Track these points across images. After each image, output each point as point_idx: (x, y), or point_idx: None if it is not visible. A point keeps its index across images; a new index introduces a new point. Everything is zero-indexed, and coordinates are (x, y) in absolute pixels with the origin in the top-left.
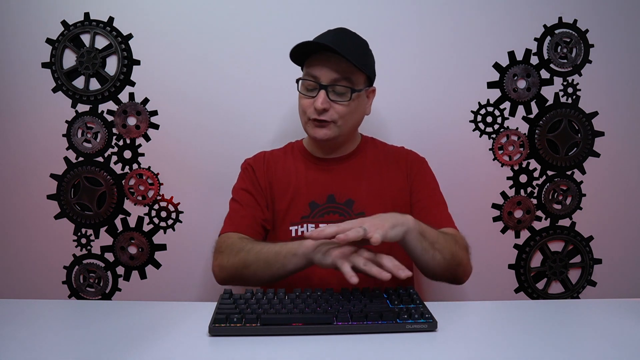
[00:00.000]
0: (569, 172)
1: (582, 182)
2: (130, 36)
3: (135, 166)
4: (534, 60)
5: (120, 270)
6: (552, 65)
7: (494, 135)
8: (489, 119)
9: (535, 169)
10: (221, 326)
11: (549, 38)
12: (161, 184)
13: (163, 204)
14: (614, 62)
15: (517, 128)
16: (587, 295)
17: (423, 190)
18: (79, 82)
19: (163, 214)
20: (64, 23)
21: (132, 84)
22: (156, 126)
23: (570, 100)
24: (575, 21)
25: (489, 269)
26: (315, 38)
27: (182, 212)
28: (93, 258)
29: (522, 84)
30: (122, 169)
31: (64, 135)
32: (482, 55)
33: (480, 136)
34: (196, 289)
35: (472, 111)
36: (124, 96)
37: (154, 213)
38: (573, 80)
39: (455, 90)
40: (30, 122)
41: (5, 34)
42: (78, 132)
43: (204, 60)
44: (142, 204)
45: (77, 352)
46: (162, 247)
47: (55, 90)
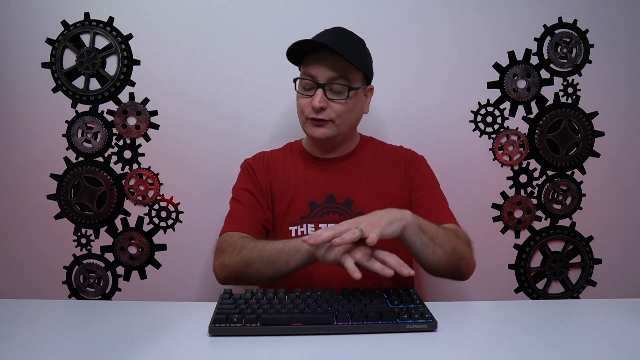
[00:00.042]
0: (569, 172)
1: (582, 182)
2: (130, 36)
3: (135, 166)
4: (534, 60)
5: (120, 270)
6: (552, 65)
7: (494, 135)
8: (489, 119)
9: (535, 169)
10: (221, 326)
11: (549, 38)
12: (161, 184)
13: (163, 204)
14: (614, 62)
15: (517, 128)
16: (587, 295)
17: (422, 188)
18: (79, 82)
19: (163, 214)
20: (64, 23)
21: (132, 84)
22: (156, 126)
23: (570, 100)
24: (575, 21)
25: (489, 269)
26: (313, 37)
27: (182, 212)
28: (93, 258)
29: (522, 84)
30: (122, 169)
31: (64, 135)
32: (482, 55)
33: (480, 136)
34: (196, 289)
35: (472, 111)
36: (124, 96)
37: (154, 213)
38: (573, 80)
39: (455, 90)
40: (30, 122)
41: (5, 34)
42: (78, 132)
43: (204, 60)
44: (142, 204)
45: (77, 352)
46: (162, 247)
47: (55, 90)
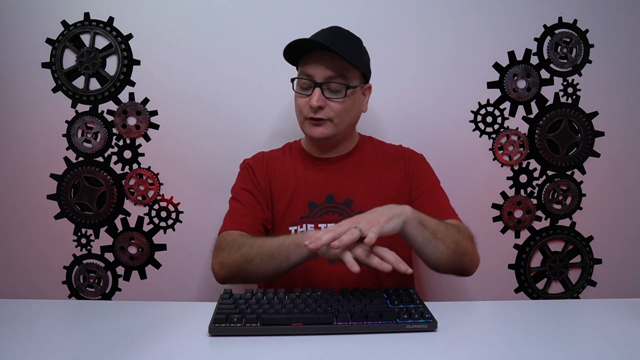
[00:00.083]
0: (569, 172)
1: (582, 182)
2: (130, 36)
3: (135, 166)
4: (534, 60)
5: (120, 270)
6: (552, 65)
7: (494, 135)
8: (489, 119)
9: (535, 169)
10: (221, 326)
11: (549, 38)
12: (161, 184)
13: (163, 204)
14: (614, 62)
15: (517, 128)
16: (587, 295)
17: (422, 185)
18: (79, 82)
19: (163, 214)
20: (64, 23)
21: (132, 84)
22: (156, 126)
23: (570, 100)
24: (575, 21)
25: (489, 269)
26: (310, 37)
27: (182, 212)
28: (93, 258)
29: (522, 84)
30: (122, 169)
31: (64, 135)
32: (482, 55)
33: (480, 136)
34: (196, 289)
35: (472, 111)
36: (124, 96)
37: (154, 213)
38: (573, 80)
39: (455, 90)
40: (30, 122)
41: (5, 34)
42: (78, 132)
43: (204, 60)
44: (142, 204)
45: (77, 352)
46: (162, 247)
47: (55, 90)
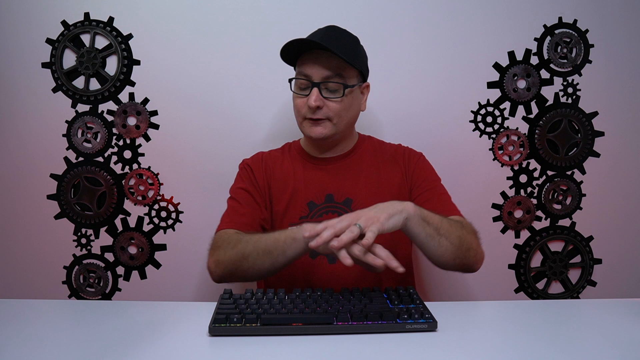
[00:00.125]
0: (569, 172)
1: (582, 182)
2: (130, 36)
3: (135, 166)
4: (534, 60)
5: (120, 270)
6: (552, 65)
7: (494, 135)
8: (489, 119)
9: (535, 169)
10: (221, 326)
11: (549, 38)
12: (161, 184)
13: (163, 204)
14: (614, 62)
15: (517, 128)
16: (587, 295)
17: (423, 183)
18: (79, 82)
19: (163, 214)
20: (64, 23)
21: (132, 84)
22: (156, 126)
23: (570, 100)
24: (575, 21)
25: (489, 269)
26: (306, 37)
27: (182, 212)
28: (93, 258)
29: (522, 84)
30: (122, 169)
31: (64, 135)
32: (482, 55)
33: (480, 136)
34: (196, 289)
35: (472, 111)
36: (124, 96)
37: (154, 213)
38: (573, 80)
39: (455, 90)
40: (30, 122)
41: (5, 34)
42: (78, 132)
43: (204, 60)
44: (142, 204)
45: (77, 352)
46: (162, 247)
47: (55, 90)
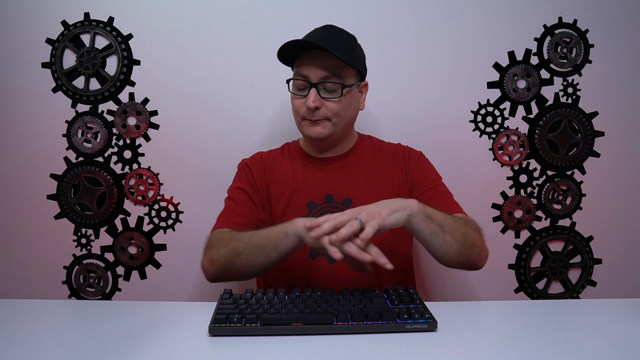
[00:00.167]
0: (569, 172)
1: (582, 182)
2: (130, 36)
3: (135, 166)
4: (534, 60)
5: (120, 270)
6: (552, 65)
7: (494, 135)
8: (489, 119)
9: (535, 169)
10: (221, 326)
11: (549, 38)
12: (161, 184)
13: (163, 204)
14: (614, 62)
15: (517, 128)
16: (587, 295)
17: (424, 182)
18: (79, 82)
19: (163, 214)
20: (64, 23)
21: (132, 84)
22: (156, 126)
23: (570, 100)
24: (575, 21)
25: (489, 269)
26: (303, 37)
27: (182, 212)
28: (93, 258)
29: (522, 84)
30: (122, 169)
31: (64, 135)
32: (482, 55)
33: (480, 136)
34: (196, 289)
35: (472, 111)
36: (124, 96)
37: (154, 213)
38: (573, 80)
39: (455, 90)
40: (30, 122)
41: (5, 34)
42: (78, 132)
43: (204, 60)
44: (142, 204)
45: (77, 352)
46: (162, 247)
47: (55, 90)
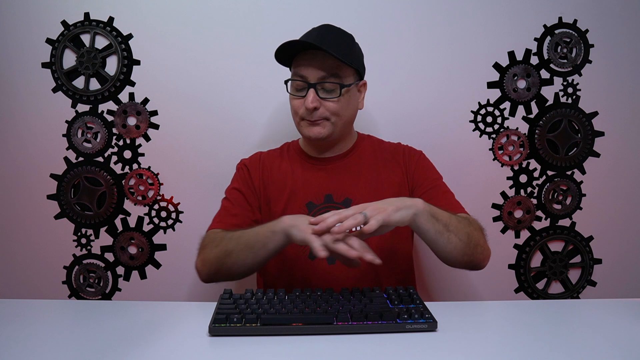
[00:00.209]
0: (569, 172)
1: (582, 182)
2: (130, 36)
3: (135, 166)
4: (534, 60)
5: (120, 270)
6: (552, 65)
7: (494, 135)
8: (489, 119)
9: (535, 169)
10: (221, 326)
11: (549, 38)
12: (161, 184)
13: (163, 204)
14: (614, 62)
15: (517, 128)
16: (587, 295)
17: (425, 182)
18: (79, 82)
19: (163, 214)
20: (64, 23)
21: (132, 84)
22: (156, 126)
23: (570, 100)
24: (575, 21)
25: (489, 269)
26: (300, 37)
27: (182, 212)
28: (93, 258)
29: (522, 84)
30: (122, 169)
31: (64, 135)
32: (482, 55)
33: (480, 136)
34: (196, 289)
35: (472, 111)
36: (124, 96)
37: (154, 213)
38: (573, 80)
39: (455, 90)
40: (30, 122)
41: (5, 34)
42: (78, 132)
43: (204, 60)
44: (142, 204)
45: (77, 352)
46: (162, 247)
47: (55, 90)
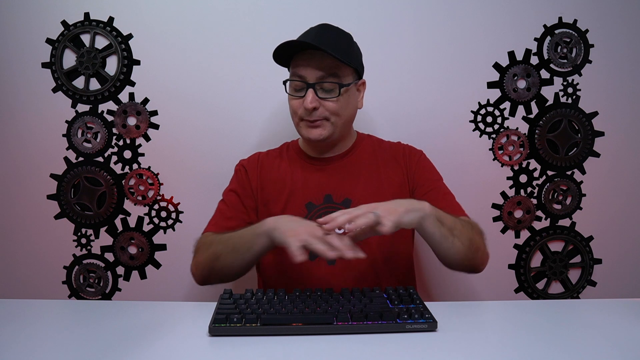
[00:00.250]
0: (569, 172)
1: (582, 182)
2: (130, 36)
3: (135, 166)
4: (534, 60)
5: (120, 270)
6: (552, 65)
7: (494, 135)
8: (489, 119)
9: (535, 169)
10: (221, 326)
11: (549, 38)
12: (161, 184)
13: (163, 204)
14: (614, 62)
15: (517, 128)
16: (587, 295)
17: (426, 183)
18: (79, 82)
19: (163, 214)
20: (64, 23)
21: (132, 84)
22: (156, 126)
23: (570, 100)
24: (575, 21)
25: (489, 269)
26: (298, 37)
27: (182, 212)
28: (93, 258)
29: (522, 84)
30: (122, 169)
31: (64, 135)
32: (482, 55)
33: (480, 136)
34: (196, 289)
35: (472, 111)
36: (124, 96)
37: (154, 213)
38: (573, 80)
39: (455, 90)
40: (30, 122)
41: (5, 34)
42: (78, 132)
43: (204, 60)
44: (142, 204)
45: (77, 352)
46: (162, 247)
47: (55, 90)
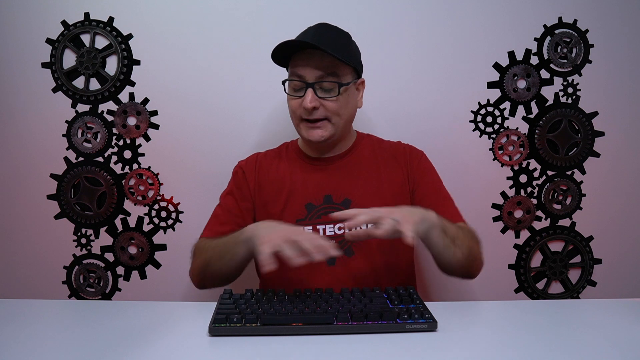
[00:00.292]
0: (569, 172)
1: (582, 182)
2: (130, 36)
3: (135, 166)
4: (534, 60)
5: (120, 270)
6: (552, 65)
7: (494, 135)
8: (489, 119)
9: (535, 169)
10: (221, 326)
11: (549, 38)
12: (161, 184)
13: (163, 204)
14: (614, 62)
15: (517, 128)
16: (587, 295)
17: (427, 186)
18: (79, 82)
19: (163, 214)
20: (64, 23)
21: (132, 84)
22: (156, 126)
23: (570, 100)
24: (575, 21)
25: (489, 269)
26: (297, 37)
27: (182, 212)
28: (93, 258)
29: (522, 84)
30: (122, 169)
31: (64, 135)
32: (482, 55)
33: (480, 136)
34: (196, 289)
35: (472, 111)
36: (124, 96)
37: (154, 213)
38: (573, 80)
39: (455, 90)
40: (30, 122)
41: (5, 34)
42: (78, 132)
43: (204, 61)
44: (142, 204)
45: (77, 352)
46: (162, 247)
47: (55, 90)
